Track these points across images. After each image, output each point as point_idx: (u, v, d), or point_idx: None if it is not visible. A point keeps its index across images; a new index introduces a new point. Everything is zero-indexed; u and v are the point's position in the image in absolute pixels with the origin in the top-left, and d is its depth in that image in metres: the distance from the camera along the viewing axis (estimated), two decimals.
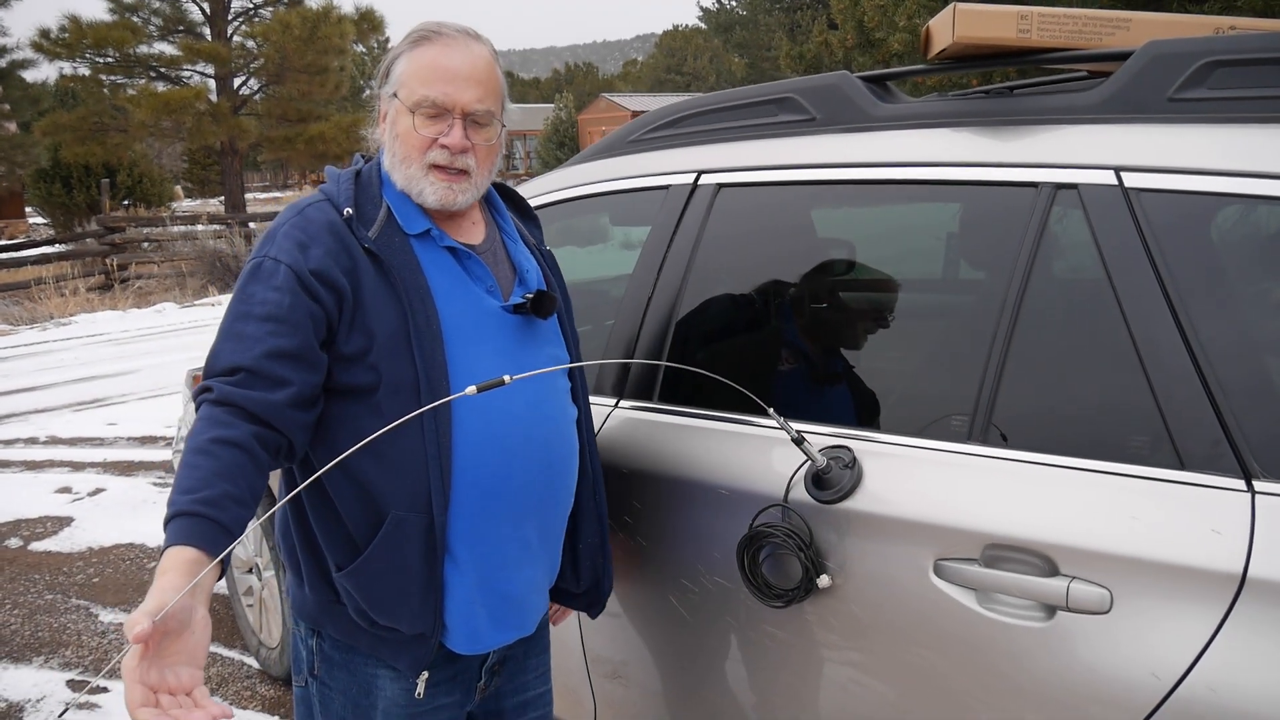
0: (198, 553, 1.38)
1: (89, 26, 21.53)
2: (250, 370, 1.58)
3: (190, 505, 1.42)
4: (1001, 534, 1.64)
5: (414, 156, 1.76)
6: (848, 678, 1.86)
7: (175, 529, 1.41)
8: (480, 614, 1.79)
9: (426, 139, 1.75)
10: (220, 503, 1.44)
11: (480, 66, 1.78)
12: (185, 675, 1.29)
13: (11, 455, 7.43)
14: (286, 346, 1.60)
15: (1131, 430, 1.61)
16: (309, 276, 1.64)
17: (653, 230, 2.40)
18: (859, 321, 2.34)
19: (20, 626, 4.52)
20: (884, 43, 11.96)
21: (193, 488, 1.44)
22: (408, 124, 1.76)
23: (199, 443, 1.50)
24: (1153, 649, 1.48)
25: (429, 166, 1.76)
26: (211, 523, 1.42)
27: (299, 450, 1.66)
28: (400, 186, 1.79)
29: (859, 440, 1.90)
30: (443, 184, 1.76)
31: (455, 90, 1.74)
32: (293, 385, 1.60)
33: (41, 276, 17.56)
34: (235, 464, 1.49)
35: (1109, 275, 1.65)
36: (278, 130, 23.14)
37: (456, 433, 1.71)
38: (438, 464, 1.68)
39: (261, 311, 1.62)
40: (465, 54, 1.77)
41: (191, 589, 1.33)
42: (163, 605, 1.28)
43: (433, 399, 1.66)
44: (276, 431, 1.58)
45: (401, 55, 1.80)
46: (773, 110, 2.26)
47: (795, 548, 1.83)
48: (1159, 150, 1.67)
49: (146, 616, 1.25)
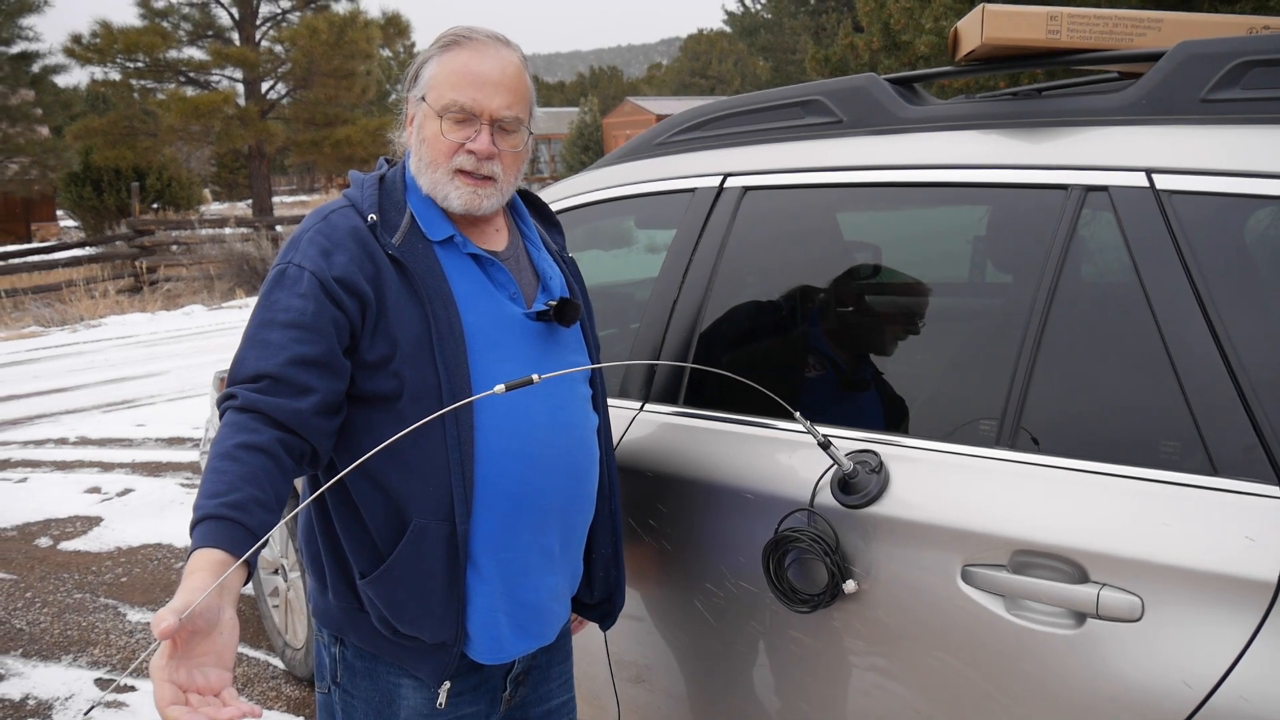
0: (224, 555, 1.39)
1: (120, 32, 21.77)
2: (274, 377, 1.58)
3: (216, 509, 1.42)
4: (1030, 540, 1.62)
5: (440, 161, 1.75)
6: (873, 684, 1.85)
7: (201, 532, 1.41)
8: (502, 622, 1.78)
9: (453, 144, 1.74)
10: (246, 506, 1.44)
11: (510, 73, 1.76)
12: (214, 676, 1.29)
13: (42, 455, 7.51)
14: (310, 354, 1.60)
15: (1163, 435, 1.59)
16: (333, 283, 1.64)
17: (678, 233, 2.39)
18: (886, 325, 2.33)
19: (50, 625, 4.56)
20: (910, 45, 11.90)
21: (218, 492, 1.45)
22: (435, 128, 1.75)
23: (224, 448, 1.50)
24: (1185, 657, 1.46)
25: (455, 171, 1.75)
26: (237, 525, 1.42)
27: (323, 457, 1.66)
28: (426, 190, 1.78)
29: (886, 444, 1.88)
30: (468, 189, 1.76)
31: (484, 96, 1.73)
32: (317, 393, 1.60)
33: (72, 279, 17.74)
34: (260, 469, 1.50)
35: (1140, 278, 1.63)
36: (305, 134, 23.30)
37: (479, 440, 1.70)
38: (460, 471, 1.68)
39: (285, 318, 1.62)
40: (495, 59, 1.75)
41: (218, 589, 1.33)
42: (189, 604, 1.28)
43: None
44: (300, 438, 1.58)
45: (431, 59, 1.78)
46: (799, 113, 2.25)
47: (821, 552, 1.82)
48: (1191, 152, 1.65)
49: (173, 614, 1.25)
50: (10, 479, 6.93)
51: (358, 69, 23.23)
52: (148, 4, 22.86)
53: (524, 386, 1.55)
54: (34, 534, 5.80)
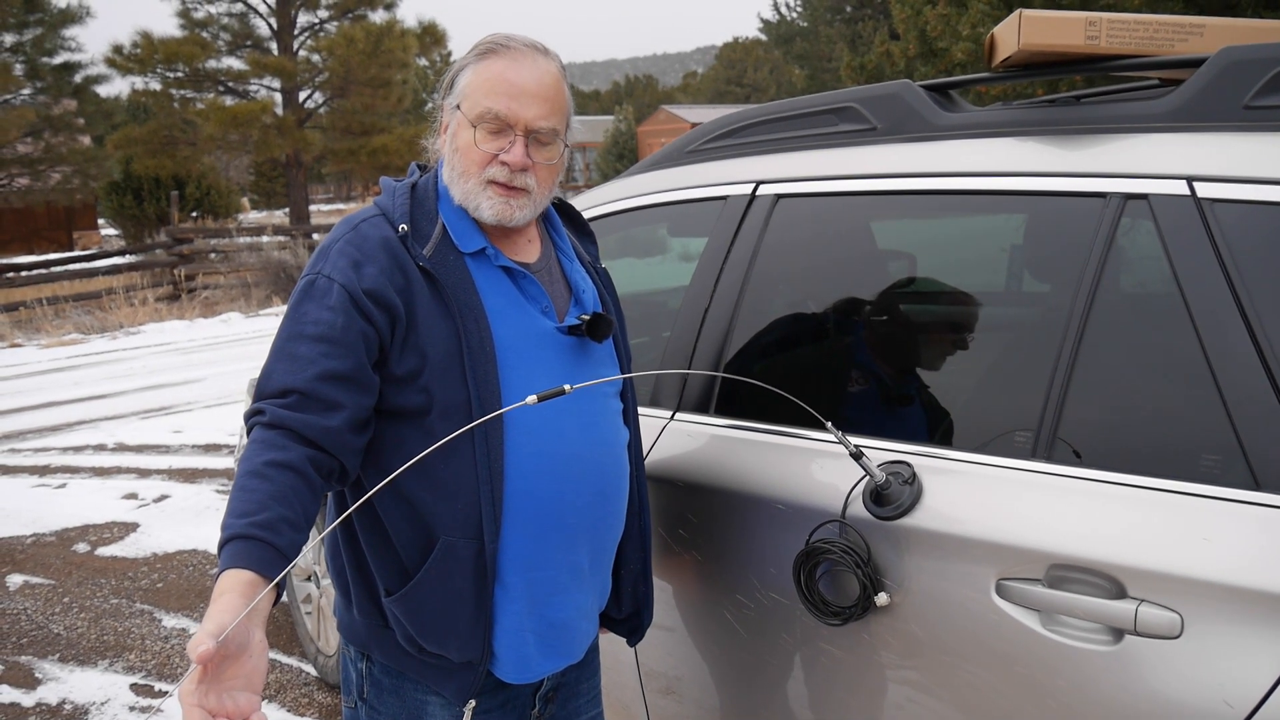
0: (254, 575, 1.37)
1: (160, 42, 22.05)
2: (302, 393, 1.56)
3: (245, 528, 1.41)
4: (1067, 554, 1.59)
5: (473, 171, 1.72)
6: (906, 698, 1.82)
7: (231, 552, 1.40)
8: (530, 641, 1.75)
9: (487, 154, 1.70)
10: (275, 526, 1.43)
11: (547, 83, 1.72)
12: (243, 700, 1.28)
13: (81, 461, 7.59)
14: (339, 369, 1.58)
15: (1204, 448, 1.56)
16: (362, 296, 1.62)
17: (710, 241, 2.38)
18: (920, 335, 2.30)
19: (87, 630, 4.61)
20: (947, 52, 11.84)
21: (247, 511, 1.43)
22: (469, 137, 1.71)
23: (253, 466, 1.49)
24: (1225, 676, 1.42)
25: (487, 182, 1.72)
26: (267, 545, 1.41)
27: (351, 473, 1.64)
28: (458, 200, 1.75)
29: (919, 456, 1.86)
30: (500, 199, 1.72)
31: (520, 106, 1.69)
32: (345, 409, 1.58)
33: (112, 286, 17.98)
34: (289, 487, 1.48)
35: (1180, 288, 1.60)
36: (342, 143, 23.49)
37: (509, 457, 1.68)
38: (489, 488, 1.65)
39: (314, 332, 1.61)
40: (533, 69, 1.71)
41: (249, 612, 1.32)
42: (223, 627, 1.27)
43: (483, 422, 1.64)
44: (330, 455, 1.57)
45: (467, 67, 1.74)
46: (832, 120, 2.23)
47: (853, 564, 1.80)
48: (1234, 159, 1.62)
49: (209, 637, 1.24)
50: (50, 484, 7.02)
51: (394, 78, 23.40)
52: (188, 14, 23.16)
53: (556, 397, 1.53)
54: (72, 539, 5.87)
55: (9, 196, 22.51)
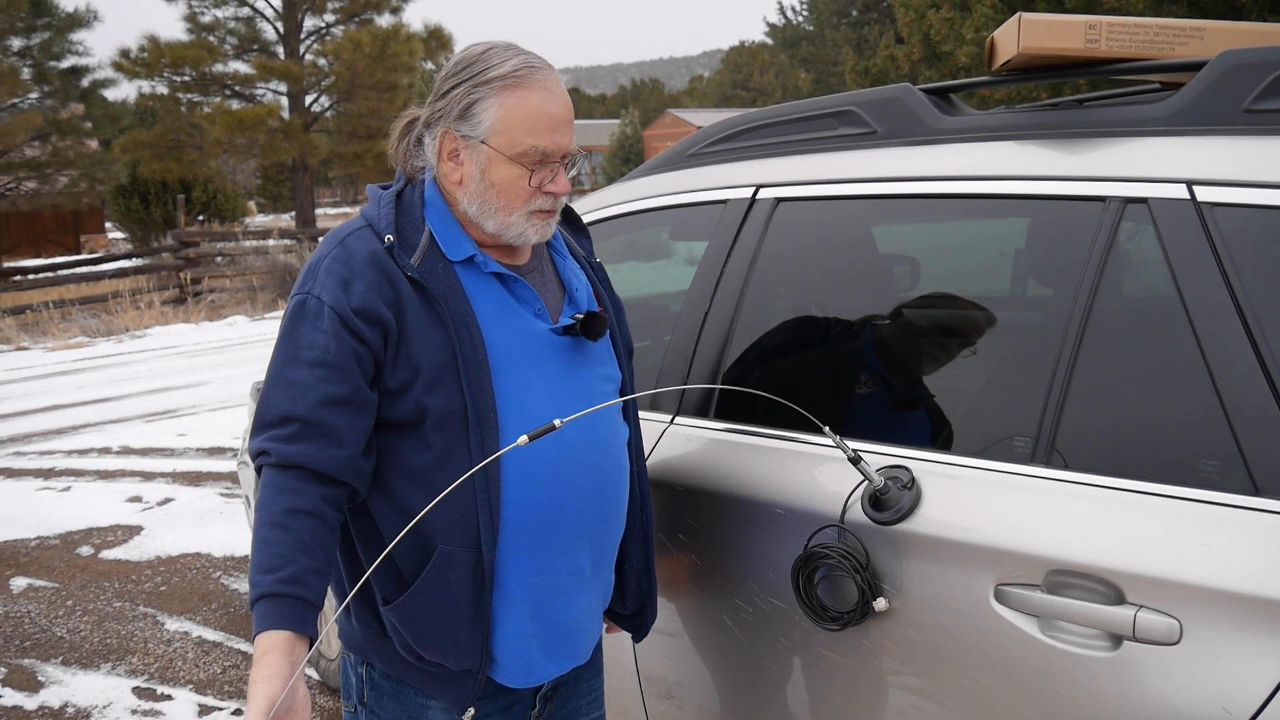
0: (290, 634, 1.44)
1: (167, 46, 22.14)
2: (304, 421, 1.57)
3: (274, 586, 1.46)
4: (1065, 559, 1.58)
5: (517, 206, 1.71)
6: (904, 704, 1.81)
7: (263, 612, 1.45)
8: (533, 645, 1.75)
9: (533, 189, 1.70)
10: (303, 579, 1.48)
11: (569, 104, 1.73)
12: None
13: (86, 464, 7.61)
14: (338, 393, 1.59)
15: (1203, 453, 1.55)
16: (353, 316, 1.61)
17: (710, 245, 2.38)
18: (919, 339, 2.30)
19: (90, 633, 4.61)
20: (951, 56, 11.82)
21: (273, 566, 1.48)
22: (508, 174, 1.69)
23: (271, 515, 1.52)
24: (1225, 683, 1.41)
25: (532, 212, 1.72)
26: (298, 602, 1.46)
27: (362, 495, 1.66)
28: (493, 230, 1.73)
29: (918, 460, 1.85)
30: (544, 223, 1.74)
31: (562, 138, 1.69)
32: (350, 434, 1.59)
33: (119, 290, 18.04)
34: (310, 534, 1.52)
35: (1180, 292, 1.59)
36: (348, 146, 23.55)
37: (505, 464, 1.67)
38: (486, 497, 1.65)
39: (310, 356, 1.60)
40: (560, 96, 1.71)
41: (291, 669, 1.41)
42: (273, 700, 1.35)
43: (481, 429, 1.64)
44: (343, 485, 1.59)
45: (489, 98, 1.67)
46: (832, 123, 2.23)
47: (851, 569, 1.79)
48: (1234, 163, 1.61)
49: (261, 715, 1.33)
50: (54, 487, 7.04)
51: (400, 82, 23.47)
52: (195, 19, 23.25)
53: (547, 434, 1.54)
54: (76, 542, 5.88)
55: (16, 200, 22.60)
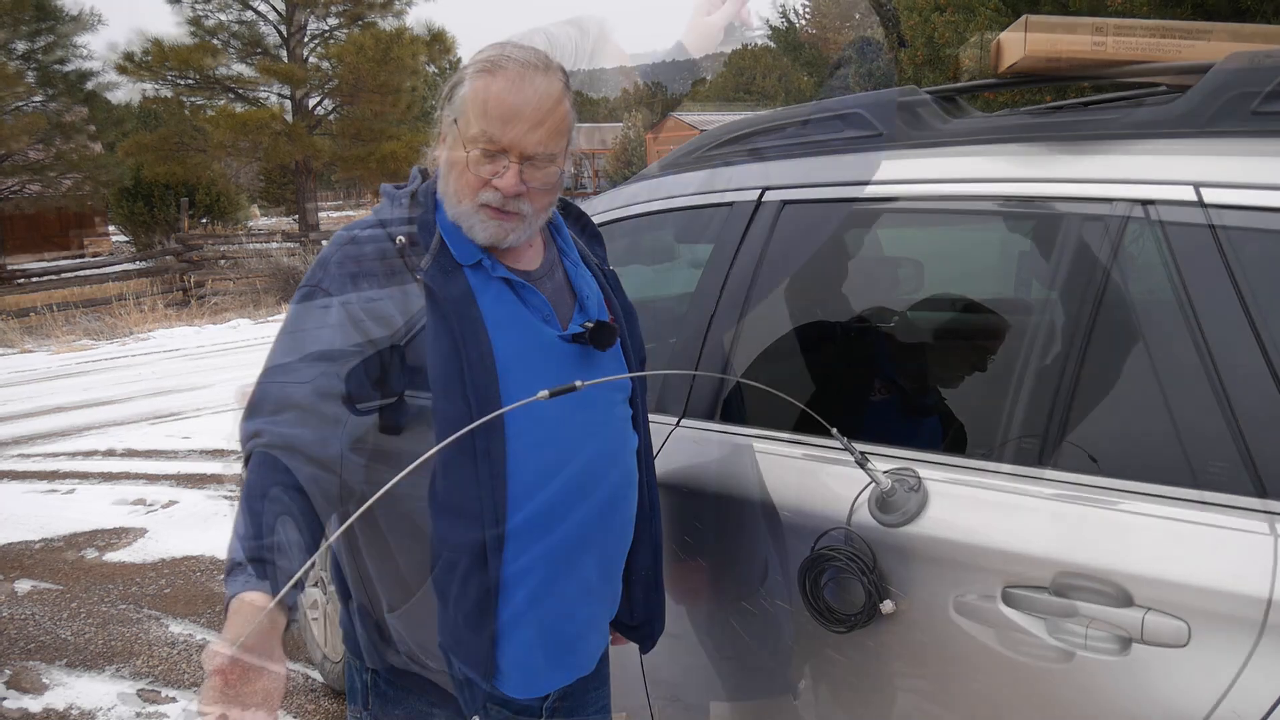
0: (264, 596, 1.39)
1: (171, 49, 22.17)
2: (301, 409, 1.56)
3: (254, 552, 1.43)
4: (1073, 562, 1.58)
5: (466, 194, 1.66)
6: (912, 707, 1.81)
7: (239, 576, 1.42)
8: (538, 655, 1.72)
9: (480, 179, 1.64)
10: (282, 548, 1.45)
11: (546, 106, 1.63)
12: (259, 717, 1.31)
13: (90, 467, 7.61)
14: (337, 386, 1.57)
15: (1211, 456, 1.55)
16: (359, 312, 1.60)
17: (716, 247, 2.37)
18: (926, 342, 2.29)
19: (94, 636, 4.61)
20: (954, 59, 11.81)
21: (254, 534, 1.45)
22: (461, 158, 1.65)
23: (256, 489, 1.50)
24: (1233, 686, 1.41)
25: (480, 205, 1.66)
26: (274, 567, 1.43)
27: (355, 490, 1.63)
28: (451, 218, 1.69)
29: (925, 463, 1.85)
30: (494, 223, 1.66)
31: (516, 132, 1.61)
32: (344, 426, 1.57)
33: (122, 292, 18.06)
34: (294, 508, 1.50)
35: (1188, 295, 1.59)
36: (351, 149, 23.56)
37: (511, 469, 1.64)
38: (491, 504, 1.62)
39: (314, 348, 1.60)
40: (531, 90, 1.62)
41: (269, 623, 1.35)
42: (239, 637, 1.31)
43: (486, 437, 1.60)
44: (332, 474, 1.56)
45: (465, 80, 1.66)
46: (838, 126, 2.22)
47: (858, 572, 1.79)
48: (1242, 166, 1.60)
49: (225, 646, 1.28)
50: (59, 490, 7.04)
51: (403, 84, 23.48)
52: (198, 22, 23.27)
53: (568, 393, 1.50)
54: (80, 544, 5.88)
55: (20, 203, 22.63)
